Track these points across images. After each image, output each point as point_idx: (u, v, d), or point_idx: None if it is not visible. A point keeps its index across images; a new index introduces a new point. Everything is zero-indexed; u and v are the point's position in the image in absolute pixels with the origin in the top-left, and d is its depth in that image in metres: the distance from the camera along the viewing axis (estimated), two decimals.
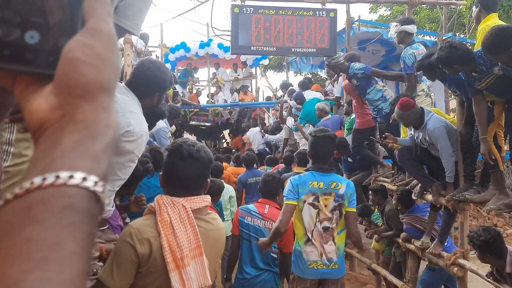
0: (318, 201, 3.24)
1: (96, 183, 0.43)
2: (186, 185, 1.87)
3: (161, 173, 1.98)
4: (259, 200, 3.96)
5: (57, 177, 0.41)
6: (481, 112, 3.67)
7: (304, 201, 3.24)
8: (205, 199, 1.91)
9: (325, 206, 3.23)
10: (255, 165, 7.07)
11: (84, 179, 0.42)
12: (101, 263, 1.88)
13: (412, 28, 4.99)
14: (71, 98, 0.45)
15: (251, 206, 3.90)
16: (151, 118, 3.37)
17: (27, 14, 0.46)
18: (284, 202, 3.27)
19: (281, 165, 7.73)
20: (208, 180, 2.05)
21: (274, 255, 3.75)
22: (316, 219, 3.24)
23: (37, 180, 0.41)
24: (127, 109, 2.24)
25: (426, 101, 4.86)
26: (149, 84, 2.41)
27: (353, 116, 6.40)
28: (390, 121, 4.70)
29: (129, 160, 2.26)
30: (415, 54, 4.83)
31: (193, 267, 1.78)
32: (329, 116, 7.15)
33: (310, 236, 3.25)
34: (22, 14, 0.46)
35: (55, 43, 0.48)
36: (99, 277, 1.72)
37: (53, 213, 0.40)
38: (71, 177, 0.41)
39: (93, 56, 0.46)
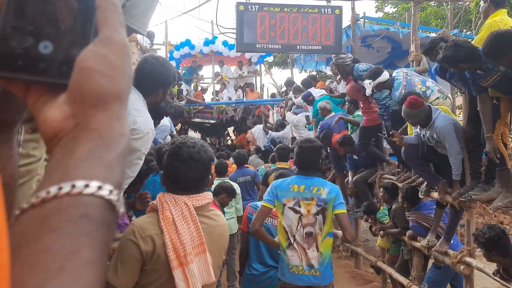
0: (299, 206, 3.14)
1: (111, 191, 0.43)
2: (187, 186, 1.86)
3: (162, 172, 1.97)
4: None
5: (73, 186, 0.41)
6: (486, 110, 3.65)
7: (284, 205, 3.16)
8: (207, 196, 1.90)
9: (308, 211, 3.13)
10: (265, 163, 7.06)
11: (100, 187, 0.42)
12: (107, 262, 1.88)
13: (384, 76, 4.97)
14: (85, 108, 0.45)
15: (259, 203, 3.92)
16: (153, 115, 3.36)
17: (41, 24, 0.47)
18: (262, 203, 3.24)
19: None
20: (210, 176, 2.04)
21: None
22: (298, 224, 3.15)
23: (53, 190, 0.41)
24: (133, 107, 2.24)
25: (447, 103, 4.81)
26: (153, 80, 2.40)
27: (356, 113, 6.39)
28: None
29: (136, 158, 2.26)
30: (403, 91, 4.76)
31: (197, 264, 1.78)
32: (332, 113, 7.13)
33: (292, 241, 3.18)
34: (36, 24, 0.47)
35: (68, 53, 0.48)
36: None
37: (69, 222, 0.40)
38: (86, 186, 0.42)
39: (106, 66, 0.46)
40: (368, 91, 5.12)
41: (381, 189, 5.47)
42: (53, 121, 0.46)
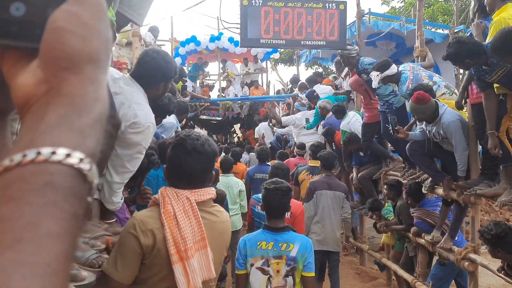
0: (268, 266, 2.74)
1: (81, 160, 0.40)
2: (190, 180, 1.85)
3: (164, 166, 1.96)
4: None
5: (38, 153, 0.39)
6: (491, 107, 3.61)
7: (252, 265, 2.75)
8: (210, 192, 1.89)
9: (277, 271, 2.72)
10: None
11: (68, 155, 0.39)
12: (107, 256, 1.87)
13: (392, 69, 4.92)
14: (57, 71, 0.42)
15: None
16: (157, 113, 3.34)
17: None
18: (236, 271, 2.89)
19: (292, 159, 7.77)
20: (213, 172, 2.03)
21: None
22: (267, 286, 2.74)
23: (17, 157, 0.39)
24: (133, 100, 2.24)
25: (453, 99, 4.78)
26: (154, 74, 2.39)
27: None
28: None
29: (137, 152, 2.26)
30: (410, 85, 4.68)
31: (197, 259, 1.77)
32: (331, 113, 7.15)
33: None
34: None
35: (43, 14, 0.45)
36: (103, 269, 1.71)
37: (31, 191, 0.37)
38: (53, 153, 0.39)
39: (78, 25, 0.43)
40: (375, 83, 5.07)
41: (386, 186, 5.45)
42: (25, 86, 0.43)
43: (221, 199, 4.89)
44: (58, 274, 0.36)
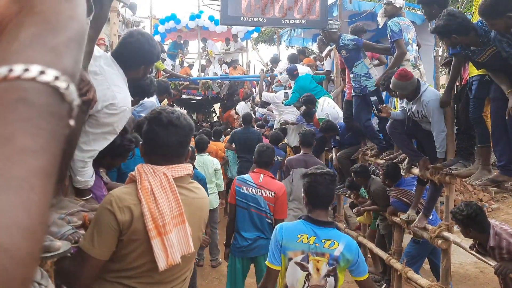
0: (308, 262, 2.50)
1: (57, 77, 0.39)
2: (167, 154, 1.84)
3: (140, 142, 1.95)
4: (254, 170, 4.07)
5: (11, 70, 0.37)
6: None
7: (290, 259, 2.53)
8: (187, 168, 1.88)
9: (317, 270, 2.48)
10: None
11: (42, 72, 0.38)
12: (83, 232, 1.85)
13: (399, 1, 4.97)
14: None
15: (246, 176, 4.04)
16: (136, 93, 3.30)
17: None
18: (266, 263, 2.62)
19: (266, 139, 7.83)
20: (190, 148, 2.02)
21: (269, 221, 3.88)
22: (305, 284, 2.50)
23: None
24: (113, 83, 2.22)
25: (415, 74, 4.81)
26: (136, 55, 2.37)
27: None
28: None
29: (106, 132, 2.23)
30: (400, 23, 4.90)
31: (176, 234, 1.77)
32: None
33: None
34: None
35: None
36: (80, 245, 1.70)
37: (3, 107, 0.36)
38: (26, 70, 0.38)
39: None
40: (379, 13, 5.20)
41: (353, 174, 5.43)
42: None
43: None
44: (37, 190, 0.35)
